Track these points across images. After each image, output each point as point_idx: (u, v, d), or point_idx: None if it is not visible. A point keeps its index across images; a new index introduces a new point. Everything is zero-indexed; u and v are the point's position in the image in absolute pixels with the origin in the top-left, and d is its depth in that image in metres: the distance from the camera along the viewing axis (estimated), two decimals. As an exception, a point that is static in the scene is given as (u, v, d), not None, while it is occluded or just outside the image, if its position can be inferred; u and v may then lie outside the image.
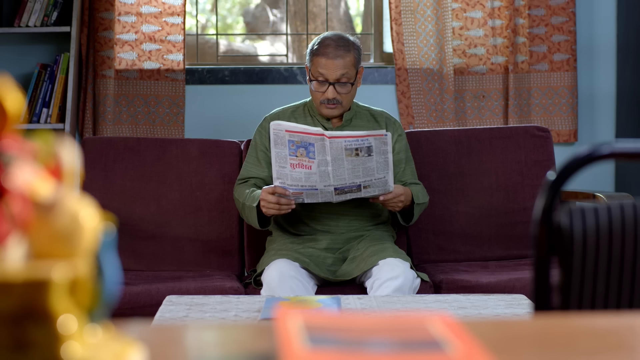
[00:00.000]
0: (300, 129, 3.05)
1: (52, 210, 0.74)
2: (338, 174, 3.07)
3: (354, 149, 3.06)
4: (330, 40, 3.30)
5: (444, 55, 4.33)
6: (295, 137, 3.05)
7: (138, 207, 3.61)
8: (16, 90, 0.76)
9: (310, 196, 3.10)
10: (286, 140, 3.05)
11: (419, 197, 3.32)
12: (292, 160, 3.06)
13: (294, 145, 3.05)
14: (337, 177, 3.07)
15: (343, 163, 3.06)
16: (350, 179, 3.08)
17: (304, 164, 3.06)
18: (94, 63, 4.24)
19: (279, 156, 3.07)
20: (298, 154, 3.06)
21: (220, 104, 4.36)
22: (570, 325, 1.02)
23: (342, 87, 3.29)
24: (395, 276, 3.05)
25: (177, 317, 2.50)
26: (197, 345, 0.92)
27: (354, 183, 3.08)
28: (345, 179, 3.08)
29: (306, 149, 3.05)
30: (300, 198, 3.10)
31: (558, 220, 1.34)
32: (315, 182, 3.07)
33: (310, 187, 3.08)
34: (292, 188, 3.08)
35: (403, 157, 3.42)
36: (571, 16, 4.37)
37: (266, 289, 3.07)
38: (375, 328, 0.90)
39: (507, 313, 2.58)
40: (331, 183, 3.07)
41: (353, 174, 3.08)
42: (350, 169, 3.07)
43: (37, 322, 0.70)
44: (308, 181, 3.07)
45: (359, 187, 3.09)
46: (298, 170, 3.06)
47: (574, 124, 4.39)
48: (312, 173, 3.06)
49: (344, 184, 3.08)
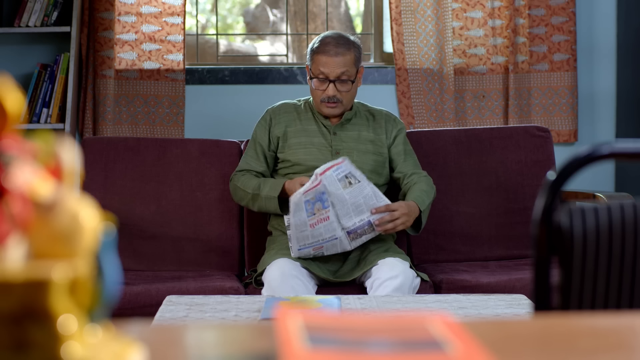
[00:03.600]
0: (309, 185, 3.08)
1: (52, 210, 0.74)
2: (345, 212, 3.09)
3: (344, 177, 3.09)
4: (331, 38, 3.33)
5: (444, 55, 4.33)
6: (309, 194, 3.08)
7: (138, 207, 3.61)
8: (16, 90, 0.76)
9: (329, 249, 3.12)
10: (302, 202, 3.08)
11: (424, 199, 3.28)
12: (311, 220, 3.09)
13: (310, 203, 3.09)
14: (346, 217, 3.09)
15: (344, 197, 3.08)
16: (358, 216, 3.09)
17: (321, 217, 3.09)
18: (94, 63, 4.24)
19: (298, 225, 3.09)
20: (315, 210, 3.09)
21: (220, 104, 4.36)
22: (570, 325, 1.02)
23: (343, 85, 3.31)
24: (395, 275, 3.05)
25: (177, 317, 2.50)
26: (197, 345, 0.92)
27: (363, 220, 3.10)
28: (352, 217, 3.09)
29: (320, 200, 3.09)
30: (320, 252, 3.12)
31: (558, 220, 1.34)
32: (335, 230, 3.09)
33: (330, 238, 3.11)
34: (314, 245, 3.10)
35: (401, 149, 3.42)
36: (571, 16, 4.37)
37: (267, 288, 3.07)
38: (375, 328, 0.90)
39: (507, 313, 2.58)
40: (344, 226, 3.09)
41: (358, 210, 3.10)
42: (354, 204, 3.10)
43: (37, 322, 0.70)
44: (328, 232, 3.10)
45: (371, 226, 3.10)
46: (317, 227, 3.10)
47: (574, 124, 4.39)
48: (331, 222, 3.09)
49: (353, 224, 3.09)
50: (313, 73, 3.33)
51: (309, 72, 3.36)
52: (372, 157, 3.38)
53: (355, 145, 3.39)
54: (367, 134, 3.42)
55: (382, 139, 3.43)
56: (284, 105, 3.48)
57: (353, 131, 3.41)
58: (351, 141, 3.40)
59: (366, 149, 3.39)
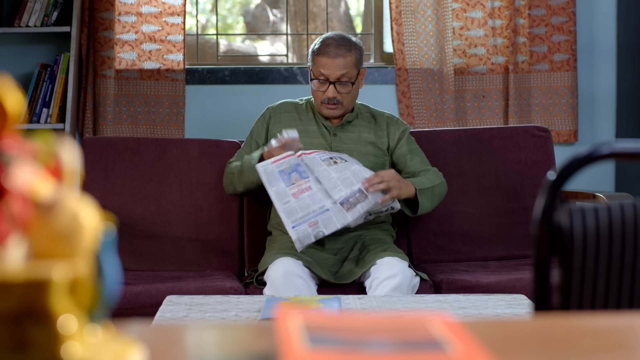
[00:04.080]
0: (280, 156, 3.11)
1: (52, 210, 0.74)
2: (332, 185, 3.08)
3: (329, 158, 3.10)
4: (332, 39, 3.33)
5: (444, 55, 4.33)
6: (282, 165, 3.09)
7: (138, 207, 3.61)
8: (16, 90, 0.76)
9: (326, 223, 3.08)
10: (276, 172, 3.08)
11: (424, 182, 3.29)
12: (292, 190, 3.08)
13: (285, 173, 3.09)
14: (335, 189, 3.08)
15: (330, 174, 3.09)
16: (348, 187, 3.08)
17: (302, 187, 3.08)
18: (94, 63, 4.24)
19: (279, 193, 3.08)
20: (293, 180, 3.08)
21: (220, 104, 4.36)
22: (570, 325, 1.02)
23: (343, 86, 3.31)
24: (393, 274, 3.05)
25: (177, 317, 2.50)
26: (197, 345, 0.92)
27: (354, 190, 3.08)
28: (341, 189, 3.08)
29: (297, 171, 3.09)
30: (321, 231, 3.08)
31: (558, 220, 1.34)
32: (322, 201, 3.07)
33: (321, 210, 3.08)
34: (306, 219, 3.07)
35: (406, 150, 3.43)
36: (571, 16, 4.37)
37: (270, 287, 3.07)
38: (375, 328, 0.90)
39: (507, 313, 2.58)
40: (334, 199, 3.08)
41: (346, 182, 3.09)
42: (341, 178, 3.09)
43: (37, 322, 0.70)
44: (315, 202, 3.08)
45: (363, 193, 3.09)
46: (301, 197, 3.08)
47: (574, 124, 4.39)
48: (315, 192, 3.08)
49: (344, 194, 3.08)
50: (314, 74, 3.34)
51: (310, 73, 3.37)
52: (372, 159, 3.38)
53: (356, 146, 3.39)
54: (367, 135, 3.42)
55: (384, 142, 3.43)
56: (284, 104, 3.48)
57: (353, 132, 3.42)
58: (351, 142, 3.40)
59: (366, 151, 3.39)
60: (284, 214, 3.07)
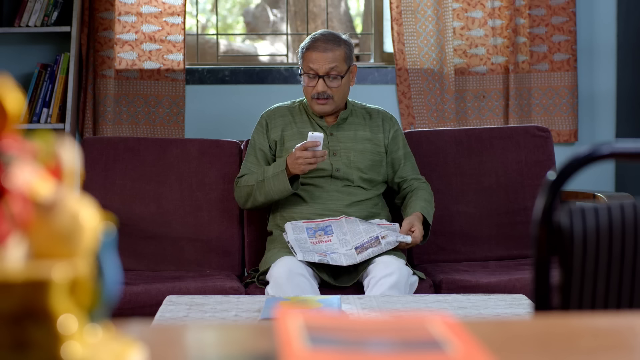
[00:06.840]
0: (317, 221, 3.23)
1: (52, 210, 0.74)
2: (355, 236, 3.18)
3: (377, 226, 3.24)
4: (320, 35, 3.40)
5: (445, 56, 4.33)
6: (312, 225, 3.22)
7: (138, 207, 3.61)
8: (16, 90, 0.76)
9: (334, 259, 3.15)
10: (304, 228, 3.21)
11: (429, 211, 3.35)
12: (312, 240, 3.18)
13: (312, 231, 3.20)
14: (355, 238, 3.17)
15: (358, 227, 3.19)
16: (367, 234, 3.18)
17: (323, 240, 3.19)
18: (94, 63, 4.24)
19: (299, 240, 3.18)
20: (317, 235, 3.20)
21: (220, 104, 4.36)
22: (570, 325, 1.02)
23: (332, 80, 3.34)
24: (390, 273, 3.06)
25: (177, 317, 2.50)
26: (197, 345, 0.92)
27: (371, 237, 3.16)
28: (363, 236, 3.17)
29: (324, 230, 3.20)
30: (325, 260, 3.14)
31: (558, 220, 1.34)
32: (337, 249, 3.15)
33: (332, 250, 3.16)
34: (315, 251, 3.15)
35: (402, 154, 3.45)
36: (571, 16, 4.37)
37: (273, 285, 3.07)
38: (375, 328, 0.90)
39: (507, 313, 2.58)
40: (351, 245, 3.15)
41: (368, 230, 3.19)
42: (366, 230, 3.20)
43: (37, 322, 0.70)
44: (330, 250, 3.16)
45: (377, 239, 3.15)
46: (319, 245, 3.18)
47: (574, 124, 4.39)
48: (333, 243, 3.17)
49: (362, 241, 3.15)
50: (303, 70, 3.37)
51: (300, 70, 3.39)
52: (370, 156, 3.40)
53: (353, 144, 3.40)
54: (363, 132, 3.43)
55: (380, 137, 3.44)
56: (278, 108, 3.48)
57: (349, 131, 3.42)
58: (348, 141, 3.40)
59: (364, 148, 3.40)
60: (298, 249, 3.15)
